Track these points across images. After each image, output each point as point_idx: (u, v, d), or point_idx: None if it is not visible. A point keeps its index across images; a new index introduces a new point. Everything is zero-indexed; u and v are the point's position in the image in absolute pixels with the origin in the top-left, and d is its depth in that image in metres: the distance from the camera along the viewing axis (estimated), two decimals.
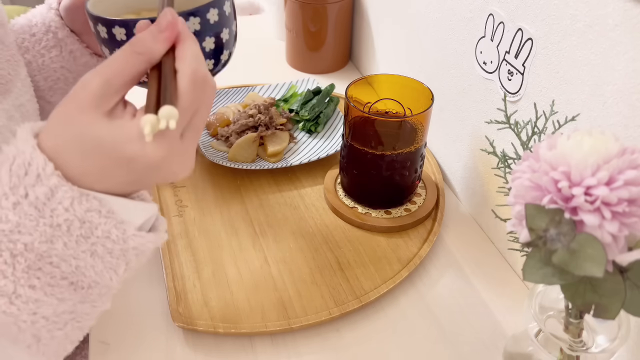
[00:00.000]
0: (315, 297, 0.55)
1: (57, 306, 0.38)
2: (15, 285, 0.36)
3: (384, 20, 0.84)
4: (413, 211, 0.64)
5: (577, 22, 0.45)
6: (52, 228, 0.35)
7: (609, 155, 0.30)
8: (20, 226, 0.35)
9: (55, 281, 0.37)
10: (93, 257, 0.37)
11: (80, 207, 0.35)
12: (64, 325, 0.39)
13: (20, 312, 0.36)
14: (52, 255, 0.36)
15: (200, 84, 0.37)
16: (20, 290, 0.36)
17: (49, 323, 0.38)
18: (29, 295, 0.36)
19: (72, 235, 0.36)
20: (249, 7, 1.30)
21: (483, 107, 0.60)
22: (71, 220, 0.36)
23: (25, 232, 0.35)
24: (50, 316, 0.38)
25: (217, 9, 0.46)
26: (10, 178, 0.35)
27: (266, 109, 0.76)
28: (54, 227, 0.35)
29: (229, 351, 0.51)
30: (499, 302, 0.56)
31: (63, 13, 0.65)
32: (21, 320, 0.36)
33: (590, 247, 0.29)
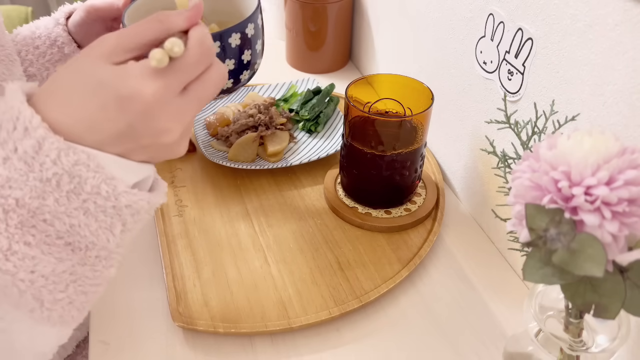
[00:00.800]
0: (315, 297, 0.55)
1: (56, 265, 0.37)
2: (10, 241, 0.35)
3: (384, 20, 0.84)
4: (413, 211, 0.64)
5: (577, 21, 0.45)
6: (42, 183, 0.35)
7: (609, 155, 0.30)
8: (11, 181, 0.35)
9: (51, 240, 0.37)
10: (86, 215, 0.37)
11: (68, 159, 0.35)
12: (66, 287, 0.38)
13: (17, 270, 0.35)
14: (45, 212, 0.36)
15: (206, 49, 0.37)
16: (15, 247, 0.35)
17: (48, 283, 0.37)
18: (24, 252, 0.36)
19: (62, 191, 0.35)
20: None
21: (483, 107, 0.60)
22: (60, 175, 0.35)
23: (15, 187, 0.35)
24: (49, 275, 0.37)
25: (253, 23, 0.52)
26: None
27: (266, 109, 0.76)
28: (43, 182, 0.35)
29: (229, 351, 0.51)
30: (499, 302, 0.56)
31: (73, 29, 0.67)
32: (19, 278, 0.36)
33: (590, 247, 0.29)
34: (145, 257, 0.60)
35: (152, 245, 0.62)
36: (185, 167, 0.72)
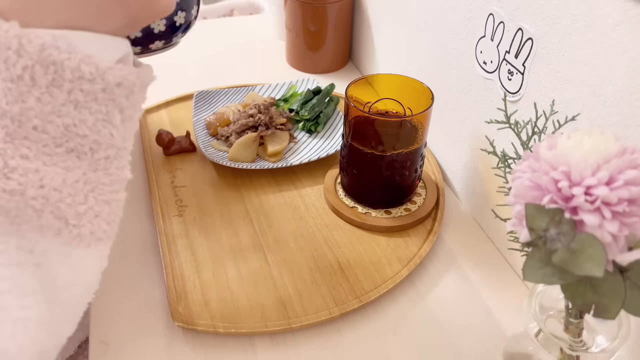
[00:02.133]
0: (315, 296, 0.55)
1: (66, 175, 0.33)
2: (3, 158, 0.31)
3: (384, 20, 0.84)
4: (413, 211, 0.64)
5: (577, 21, 0.45)
6: (14, 83, 0.31)
7: (609, 155, 0.30)
8: None
9: (50, 149, 0.33)
10: (78, 109, 0.32)
11: (32, 46, 0.30)
12: (85, 199, 0.34)
13: (24, 187, 0.32)
14: (31, 117, 0.32)
15: None
16: (12, 163, 0.31)
17: (64, 196, 0.33)
18: (25, 167, 0.32)
19: (41, 87, 0.31)
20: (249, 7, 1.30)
21: (483, 107, 0.60)
22: (30, 67, 0.30)
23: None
24: (62, 187, 0.33)
25: None
26: None
27: (266, 109, 0.76)
28: (15, 81, 0.31)
29: (229, 351, 0.51)
30: (499, 302, 0.56)
31: None
32: (30, 196, 0.32)
33: (590, 247, 0.29)
34: (145, 257, 0.60)
35: (152, 245, 0.62)
36: (185, 167, 0.72)
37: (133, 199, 0.68)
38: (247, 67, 0.98)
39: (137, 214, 0.66)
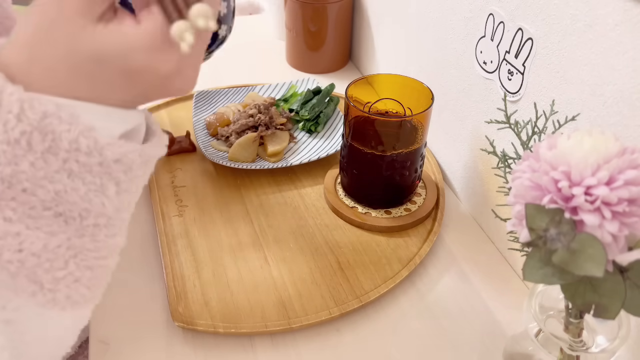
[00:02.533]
0: (315, 296, 0.55)
1: (48, 240, 0.32)
2: None
3: (384, 20, 0.84)
4: (413, 211, 0.64)
5: (577, 21, 0.45)
6: (10, 146, 0.30)
7: (609, 155, 0.30)
8: None
9: (36, 212, 0.32)
10: (71, 178, 0.32)
11: (33, 112, 0.30)
12: (65, 264, 0.33)
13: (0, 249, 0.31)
14: (22, 180, 0.31)
15: None
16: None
17: (42, 261, 0.32)
18: (5, 230, 0.31)
19: (37, 152, 0.30)
20: (249, 7, 1.30)
21: (483, 107, 0.60)
22: (29, 132, 0.30)
23: None
24: (41, 253, 0.32)
25: None
26: None
27: (266, 109, 0.76)
28: (12, 145, 0.30)
29: (229, 351, 0.51)
30: (499, 302, 0.56)
31: None
32: (5, 260, 0.31)
33: (590, 246, 0.29)
34: (145, 257, 0.60)
35: (152, 245, 0.62)
36: (185, 167, 0.72)
37: None
38: (247, 67, 0.98)
39: (137, 214, 0.66)
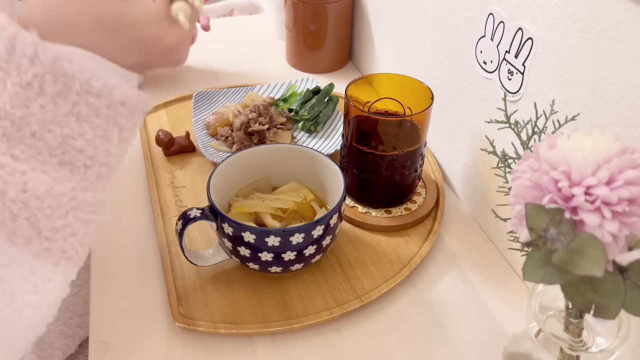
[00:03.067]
0: (316, 296, 0.55)
1: (53, 186, 0.33)
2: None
3: (384, 20, 0.84)
4: (413, 210, 0.64)
5: (577, 21, 0.45)
6: (22, 88, 0.31)
7: (609, 154, 0.30)
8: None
9: (43, 158, 0.33)
10: (79, 121, 0.33)
11: (46, 55, 0.31)
12: (65, 215, 0.34)
13: (6, 186, 0.32)
14: (32, 122, 0.32)
15: None
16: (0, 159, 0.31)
17: (44, 206, 0.33)
18: (13, 167, 0.32)
19: (47, 95, 0.32)
20: (249, 7, 1.30)
21: (483, 107, 0.60)
22: (41, 75, 0.31)
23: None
24: (45, 196, 0.33)
25: None
26: None
27: (265, 109, 0.76)
28: (24, 87, 0.31)
29: (229, 351, 0.51)
30: (499, 302, 0.56)
31: None
32: (9, 198, 0.32)
33: (590, 247, 0.29)
34: (145, 257, 0.60)
35: (152, 245, 0.62)
36: (185, 167, 0.72)
37: (133, 199, 0.68)
38: (246, 67, 0.98)
39: (137, 214, 0.66)
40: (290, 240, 0.50)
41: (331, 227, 0.53)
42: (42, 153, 0.33)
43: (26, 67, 0.31)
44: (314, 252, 0.53)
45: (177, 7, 0.36)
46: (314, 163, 0.60)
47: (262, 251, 0.51)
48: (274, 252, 0.51)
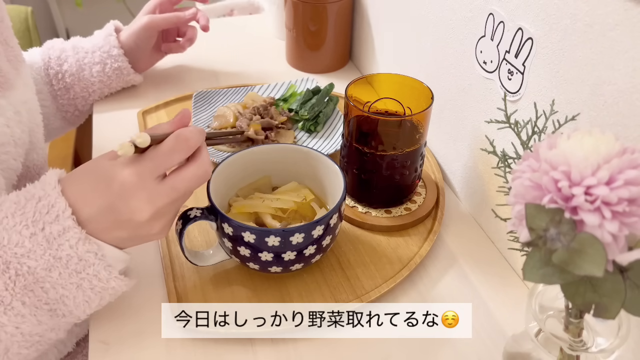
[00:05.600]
0: (316, 296, 0.55)
1: (34, 327, 0.45)
2: (12, 298, 0.43)
3: (384, 20, 0.84)
4: (413, 210, 0.64)
5: (577, 21, 0.45)
6: (54, 259, 0.43)
7: (609, 154, 0.30)
8: (31, 252, 0.42)
9: (40, 304, 0.44)
10: (78, 289, 0.45)
11: (83, 247, 0.43)
12: (30, 346, 0.46)
13: (9, 323, 0.43)
14: (46, 281, 0.43)
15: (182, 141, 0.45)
16: (14, 303, 0.43)
17: (22, 340, 0.45)
18: (19, 310, 0.43)
19: (68, 269, 0.44)
20: (249, 7, 1.30)
21: (483, 107, 0.60)
22: (71, 256, 0.43)
23: (32, 258, 0.43)
24: (27, 334, 0.45)
25: None
26: (33, 213, 0.43)
27: (265, 109, 0.76)
28: (56, 259, 0.43)
29: (229, 351, 0.51)
30: (498, 302, 0.56)
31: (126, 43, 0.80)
32: (4, 330, 0.43)
33: (590, 246, 0.29)
34: (145, 257, 0.60)
35: (152, 245, 0.62)
36: None
37: None
38: (247, 67, 0.98)
39: None
40: (290, 240, 0.50)
41: (331, 227, 0.53)
42: (41, 301, 0.44)
43: (64, 248, 0.43)
44: (314, 252, 0.53)
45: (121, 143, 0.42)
46: (314, 163, 0.60)
47: (262, 251, 0.51)
48: (274, 252, 0.51)
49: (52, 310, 0.45)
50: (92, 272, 0.44)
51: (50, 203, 0.43)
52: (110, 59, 0.79)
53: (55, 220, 0.43)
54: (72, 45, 0.81)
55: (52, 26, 2.14)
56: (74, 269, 0.44)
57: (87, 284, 0.45)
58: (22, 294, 0.43)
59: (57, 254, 0.43)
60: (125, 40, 0.80)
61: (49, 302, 0.45)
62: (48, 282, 0.43)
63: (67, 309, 0.46)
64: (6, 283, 0.42)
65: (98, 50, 0.79)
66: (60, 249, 0.43)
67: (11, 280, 0.42)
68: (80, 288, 0.45)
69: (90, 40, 0.81)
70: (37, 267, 0.43)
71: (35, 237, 0.43)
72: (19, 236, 0.42)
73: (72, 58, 0.79)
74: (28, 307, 0.43)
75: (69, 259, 0.43)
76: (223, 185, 0.57)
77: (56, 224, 0.43)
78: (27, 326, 0.44)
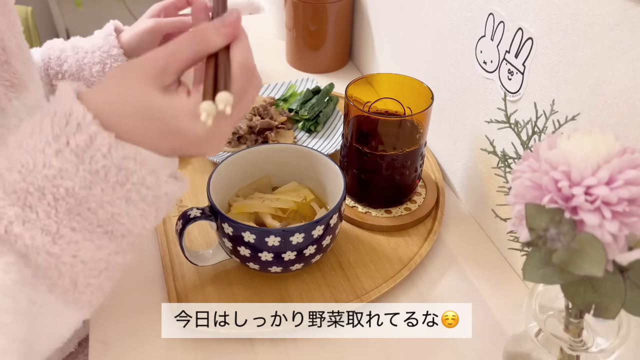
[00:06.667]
0: (316, 296, 0.55)
1: (95, 252, 0.40)
2: (59, 225, 0.38)
3: (384, 20, 0.84)
4: (413, 210, 0.64)
5: (577, 21, 0.45)
6: (91, 174, 0.38)
7: (609, 154, 0.30)
8: (62, 172, 0.38)
9: (92, 228, 0.39)
10: (128, 203, 0.40)
11: (117, 153, 0.38)
12: (99, 274, 0.41)
13: (63, 253, 0.38)
14: (91, 201, 0.38)
15: (249, 73, 0.41)
16: (62, 231, 0.38)
17: (86, 268, 0.40)
18: (70, 237, 0.38)
19: (109, 182, 0.38)
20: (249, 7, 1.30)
21: (483, 107, 0.60)
22: (108, 167, 0.38)
23: (67, 178, 0.38)
24: (88, 261, 0.40)
25: None
26: (52, 128, 0.38)
27: (265, 110, 0.76)
28: (92, 174, 0.38)
29: (229, 351, 0.51)
30: (499, 302, 0.56)
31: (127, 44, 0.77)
32: (62, 262, 0.39)
33: (590, 246, 0.29)
34: (145, 257, 0.60)
35: (152, 245, 0.62)
36: (185, 167, 0.72)
37: None
38: None
39: None
40: (290, 240, 0.50)
41: (331, 227, 0.53)
42: (92, 224, 0.39)
43: (98, 159, 0.38)
44: (314, 252, 0.53)
45: (202, 106, 0.37)
46: (314, 163, 0.60)
47: (262, 251, 0.51)
48: (274, 252, 0.51)
49: (107, 232, 0.40)
50: (136, 180, 0.39)
51: (66, 112, 0.38)
52: (110, 58, 0.79)
53: (78, 129, 0.37)
54: (71, 45, 0.81)
55: (52, 26, 2.15)
56: (116, 182, 0.39)
57: (136, 196, 0.40)
58: (69, 220, 0.38)
59: (92, 167, 0.38)
60: (127, 41, 0.81)
61: (102, 224, 0.40)
62: (93, 201, 0.39)
63: (124, 227, 0.41)
64: (47, 211, 0.38)
65: (98, 50, 0.80)
66: (93, 161, 0.38)
67: (51, 207, 0.38)
68: (130, 202, 0.40)
69: (89, 40, 0.82)
70: (75, 186, 0.38)
71: (62, 154, 0.38)
72: (44, 156, 0.38)
73: (72, 58, 0.79)
74: (80, 232, 0.39)
75: (107, 171, 0.38)
76: (223, 185, 0.57)
77: (80, 133, 0.37)
78: (85, 253, 0.39)
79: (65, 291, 0.39)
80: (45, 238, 0.38)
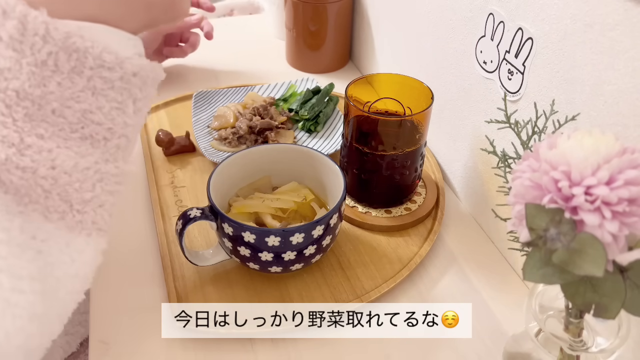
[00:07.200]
0: (316, 296, 0.55)
1: (79, 161, 0.35)
2: (21, 134, 0.33)
3: (384, 20, 0.84)
4: (413, 210, 0.64)
5: (577, 21, 0.45)
6: (38, 67, 0.32)
7: (609, 154, 0.30)
8: (4, 72, 0.32)
9: (65, 134, 0.35)
10: (95, 95, 0.34)
11: (58, 32, 0.32)
12: (93, 187, 0.36)
13: (37, 165, 0.33)
14: (51, 100, 0.33)
15: None
16: (28, 140, 0.33)
17: (73, 180, 0.35)
18: (40, 146, 0.33)
19: (63, 72, 0.33)
20: (249, 7, 1.30)
21: (483, 107, 0.60)
22: (55, 53, 0.32)
23: (11, 78, 0.32)
24: (72, 171, 0.35)
25: None
26: None
27: (265, 110, 0.76)
28: (39, 66, 0.32)
29: (229, 351, 0.51)
30: (499, 302, 0.56)
31: None
32: (40, 175, 0.34)
33: (590, 246, 0.29)
34: (145, 257, 0.60)
35: (152, 245, 0.62)
36: (185, 167, 0.72)
37: (133, 199, 0.68)
38: (246, 66, 0.98)
39: (137, 214, 0.66)
40: (290, 240, 0.50)
41: (331, 227, 0.53)
42: (64, 129, 0.34)
43: (39, 46, 0.32)
44: (314, 252, 0.53)
45: None
46: (314, 163, 0.60)
47: (262, 251, 0.51)
48: (274, 252, 0.51)
49: (86, 137, 0.35)
50: (93, 62, 0.33)
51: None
52: None
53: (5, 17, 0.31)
54: None
55: None
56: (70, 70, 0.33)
57: (100, 83, 0.34)
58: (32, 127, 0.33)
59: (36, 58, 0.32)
60: None
61: (77, 129, 0.35)
62: (53, 100, 0.33)
63: (102, 128, 0.35)
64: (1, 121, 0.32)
65: None
66: (34, 50, 0.32)
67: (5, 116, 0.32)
68: (97, 93, 0.34)
69: None
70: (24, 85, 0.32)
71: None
72: None
73: None
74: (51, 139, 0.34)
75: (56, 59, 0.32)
76: (223, 185, 0.57)
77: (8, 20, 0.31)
78: (64, 162, 0.34)
79: (62, 214, 0.35)
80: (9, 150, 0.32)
